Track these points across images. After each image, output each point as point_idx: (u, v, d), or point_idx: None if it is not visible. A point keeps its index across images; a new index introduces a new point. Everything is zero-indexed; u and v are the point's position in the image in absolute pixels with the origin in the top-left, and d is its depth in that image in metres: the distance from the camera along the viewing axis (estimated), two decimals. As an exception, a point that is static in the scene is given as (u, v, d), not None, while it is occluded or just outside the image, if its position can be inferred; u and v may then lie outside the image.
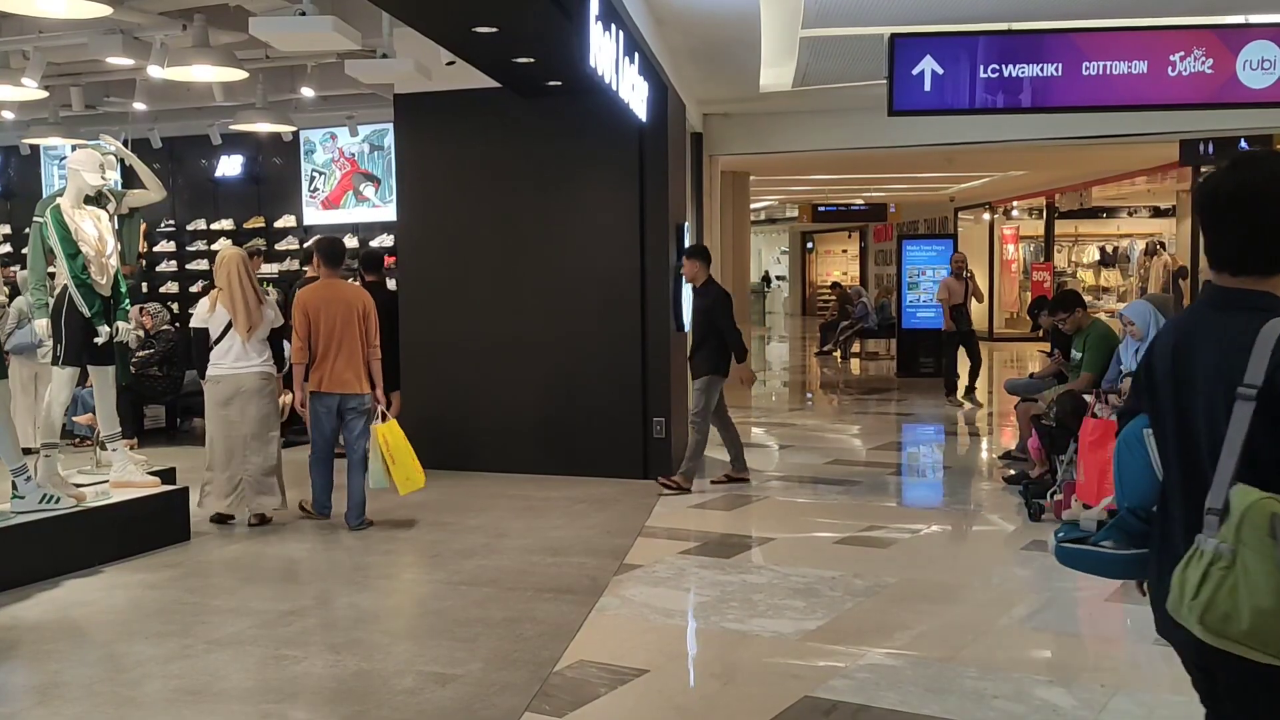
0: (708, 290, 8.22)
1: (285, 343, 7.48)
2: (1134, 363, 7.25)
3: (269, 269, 12.87)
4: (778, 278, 38.21)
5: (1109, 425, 6.75)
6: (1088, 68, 7.55)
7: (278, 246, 13.41)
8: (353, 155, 13.15)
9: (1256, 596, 1.87)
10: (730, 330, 8.08)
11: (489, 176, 8.92)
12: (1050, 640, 5.02)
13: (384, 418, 7.11)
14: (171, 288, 13.79)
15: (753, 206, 21.65)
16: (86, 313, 6.44)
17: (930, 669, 4.46)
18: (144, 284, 12.39)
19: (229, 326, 7.09)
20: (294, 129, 12.25)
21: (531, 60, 7.34)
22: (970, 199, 23.92)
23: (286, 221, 13.49)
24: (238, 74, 8.42)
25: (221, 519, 7.20)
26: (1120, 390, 7.20)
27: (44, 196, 7.12)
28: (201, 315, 7.19)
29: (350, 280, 8.71)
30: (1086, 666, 4.56)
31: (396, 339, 8.92)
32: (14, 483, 5.98)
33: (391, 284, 10.33)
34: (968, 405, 12.97)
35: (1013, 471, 8.41)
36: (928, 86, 7.69)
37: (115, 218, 6.79)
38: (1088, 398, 7.16)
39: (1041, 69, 7.59)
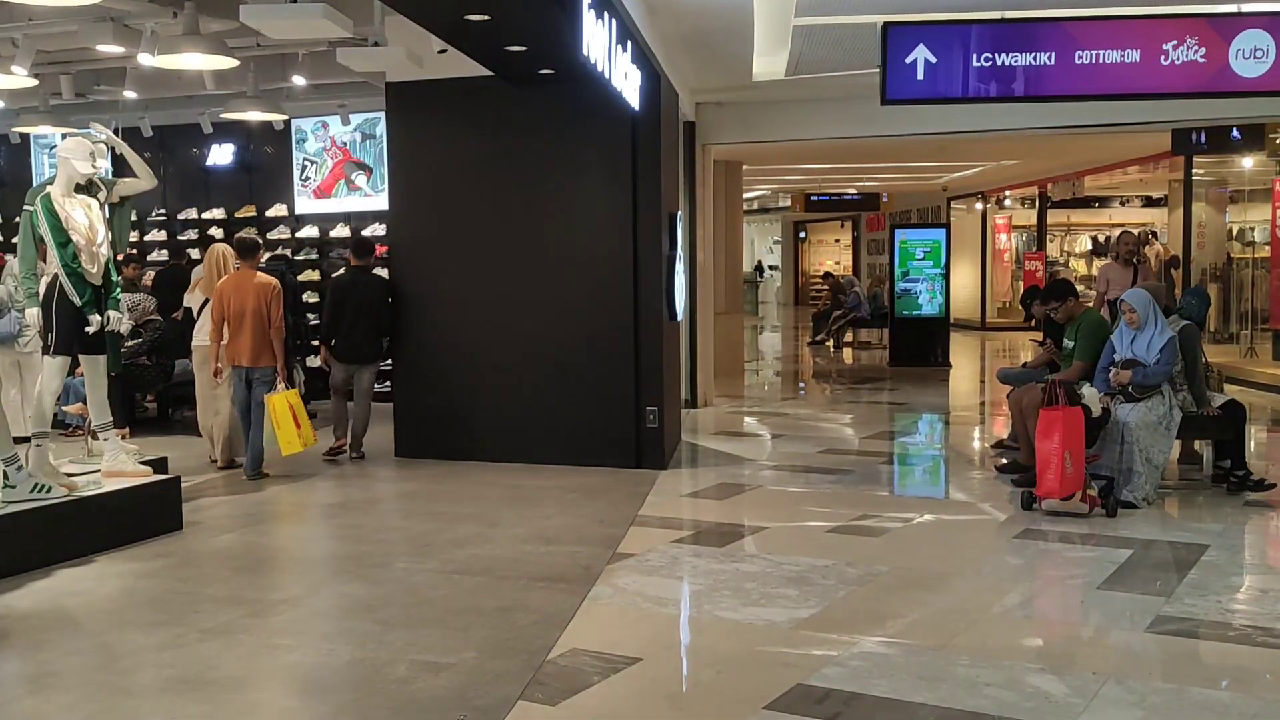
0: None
1: None
2: (1129, 351, 7.27)
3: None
4: (770, 267, 38.23)
5: (1052, 415, 6.78)
6: (1080, 56, 7.54)
7: (269, 235, 13.36)
8: (344, 144, 13.11)
9: None
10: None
11: (481, 165, 8.90)
12: (1042, 628, 5.04)
13: (279, 388, 8.31)
14: (162, 277, 13.73)
15: (745, 196, 21.64)
16: (78, 301, 6.42)
17: (922, 657, 4.47)
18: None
19: (204, 304, 8.79)
20: (285, 117, 12.19)
21: (524, 48, 7.32)
22: (963, 188, 23.93)
23: (278, 210, 13.44)
24: (228, 62, 8.38)
25: (232, 464, 8.73)
26: (1115, 377, 7.24)
27: (34, 185, 7.07)
28: (189, 296, 9.16)
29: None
30: (1078, 654, 4.57)
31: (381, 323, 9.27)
32: (5, 472, 5.96)
33: (382, 272, 10.32)
34: None
35: (1005, 460, 8.43)
36: (921, 75, 7.68)
37: (106, 206, 6.76)
38: (1083, 386, 7.18)
39: (1034, 58, 7.58)
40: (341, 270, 8.77)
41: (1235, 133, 13.87)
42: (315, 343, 11.69)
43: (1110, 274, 10.72)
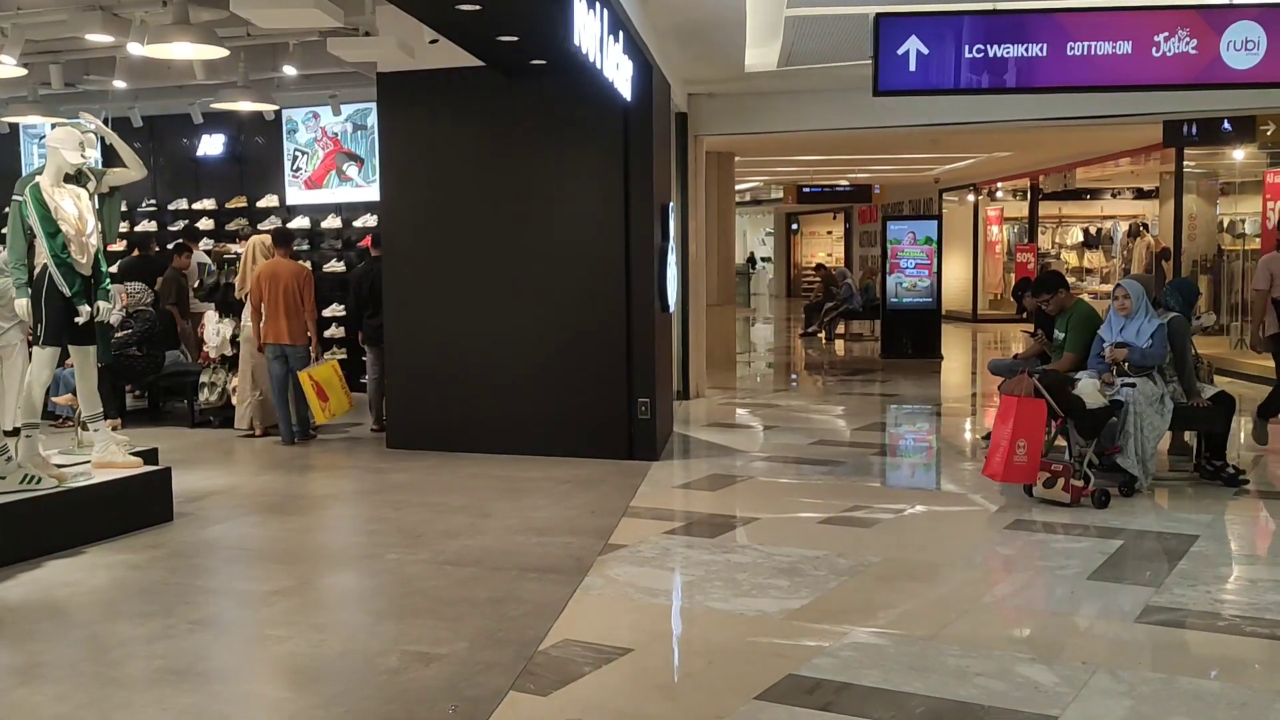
0: None
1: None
2: (1119, 337, 7.30)
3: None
4: (763, 259, 38.21)
5: (1010, 401, 6.81)
6: (1072, 48, 7.54)
7: (260, 226, 13.32)
8: (335, 134, 13.07)
9: None
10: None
11: (473, 156, 8.89)
12: (1032, 619, 5.05)
13: (311, 364, 9.48)
14: (153, 267, 13.67)
15: (738, 187, 21.63)
16: (67, 292, 6.39)
17: (913, 647, 4.48)
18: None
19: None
20: (276, 108, 12.15)
21: (515, 39, 7.30)
22: (955, 180, 23.95)
23: (269, 201, 13.40)
24: (219, 52, 8.34)
25: (268, 432, 9.82)
26: (1110, 354, 7.28)
27: (23, 175, 7.04)
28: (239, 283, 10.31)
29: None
30: (1068, 644, 4.59)
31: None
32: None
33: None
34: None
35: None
36: (913, 67, 7.66)
37: (95, 196, 6.73)
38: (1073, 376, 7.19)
39: (1026, 49, 7.57)
40: (362, 262, 9.76)
41: (1226, 125, 13.90)
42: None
43: (1274, 267, 8.84)
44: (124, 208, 11.96)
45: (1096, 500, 6.81)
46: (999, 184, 23.82)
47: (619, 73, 7.40)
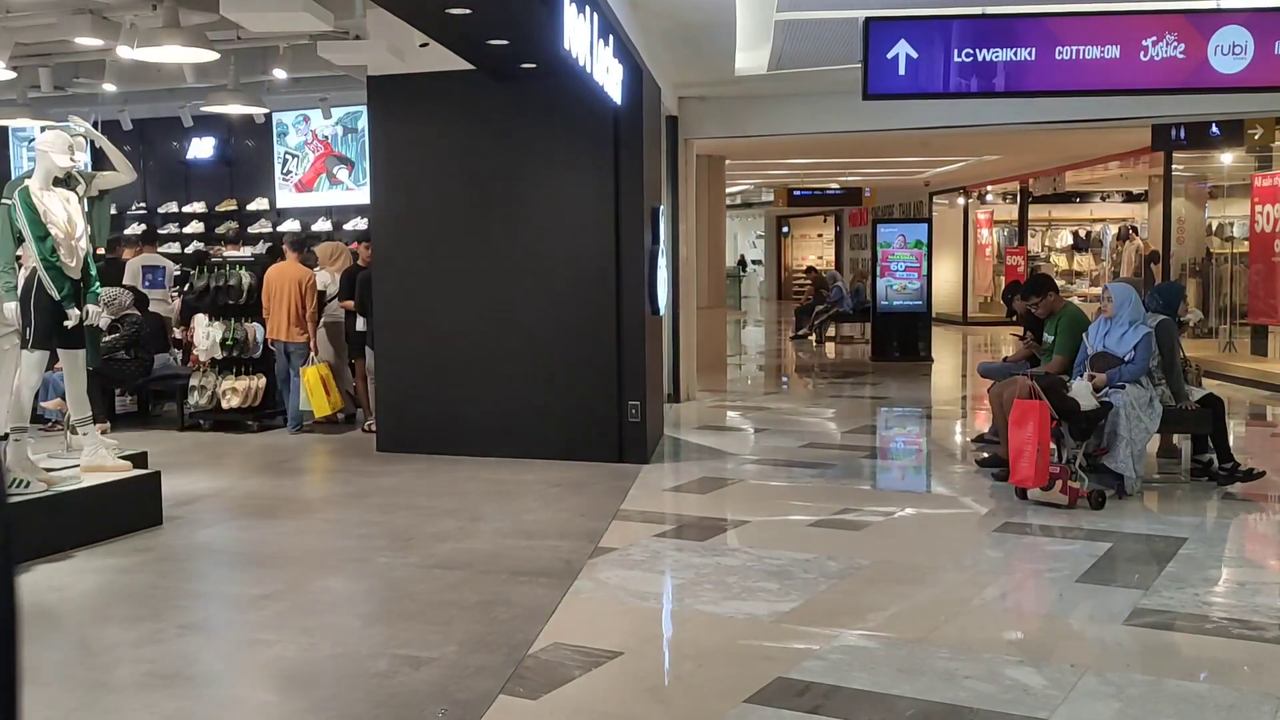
0: None
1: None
2: (1101, 344, 7.33)
3: (239, 252, 12.75)
4: (754, 262, 38.24)
5: (1028, 406, 6.83)
6: (1061, 52, 7.56)
7: (250, 230, 13.30)
8: (326, 138, 13.06)
9: None
10: None
11: (463, 159, 8.89)
12: (1021, 621, 5.07)
13: (310, 362, 10.01)
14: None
15: (728, 190, 21.64)
16: (56, 295, 6.38)
17: (902, 650, 4.49)
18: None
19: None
20: (266, 111, 12.15)
21: (505, 42, 7.30)
22: (945, 183, 23.99)
23: (259, 204, 13.39)
24: (209, 55, 8.34)
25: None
26: (1090, 370, 7.29)
27: (12, 178, 7.02)
28: (322, 281, 10.58)
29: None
30: (1057, 647, 4.60)
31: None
32: (-18, 467, 5.91)
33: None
34: None
35: (986, 454, 8.46)
36: (902, 70, 7.68)
37: (85, 200, 6.71)
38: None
39: (1015, 53, 7.59)
40: (364, 266, 10.02)
41: (1214, 128, 13.95)
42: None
43: None
44: (114, 211, 11.95)
45: (1093, 501, 6.83)
46: (989, 187, 23.88)
47: (609, 76, 7.40)
